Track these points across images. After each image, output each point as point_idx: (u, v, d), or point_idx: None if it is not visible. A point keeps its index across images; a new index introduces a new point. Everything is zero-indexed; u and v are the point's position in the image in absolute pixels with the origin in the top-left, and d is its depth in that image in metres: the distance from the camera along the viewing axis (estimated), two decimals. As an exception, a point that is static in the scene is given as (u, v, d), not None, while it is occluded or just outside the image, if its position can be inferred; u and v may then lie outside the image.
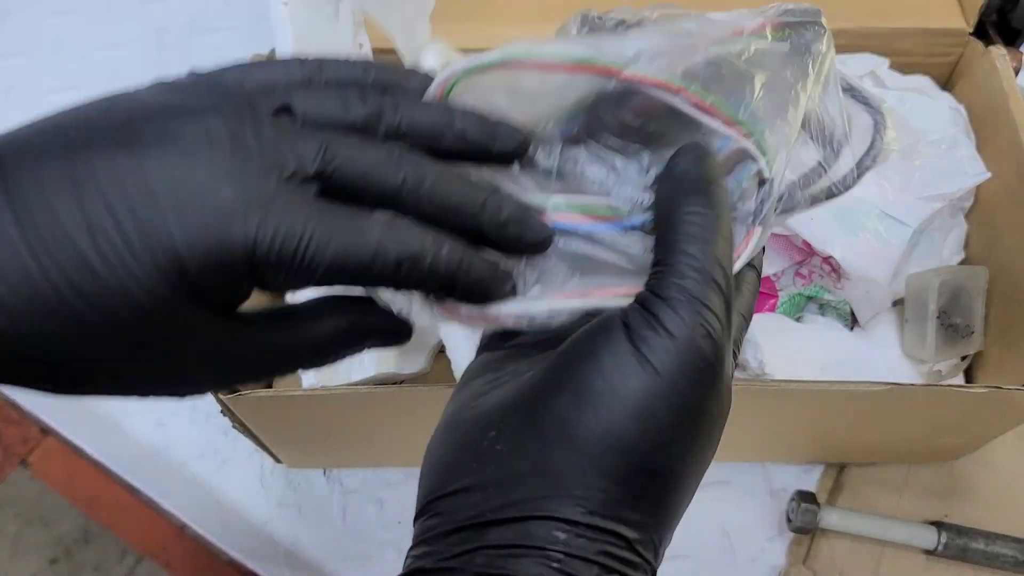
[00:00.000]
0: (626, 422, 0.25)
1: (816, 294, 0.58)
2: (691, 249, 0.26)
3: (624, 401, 0.25)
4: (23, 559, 1.29)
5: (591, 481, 0.25)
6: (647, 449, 0.25)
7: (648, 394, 0.25)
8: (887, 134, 0.32)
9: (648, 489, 0.25)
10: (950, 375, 0.59)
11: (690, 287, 0.25)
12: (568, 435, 0.25)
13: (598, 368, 0.25)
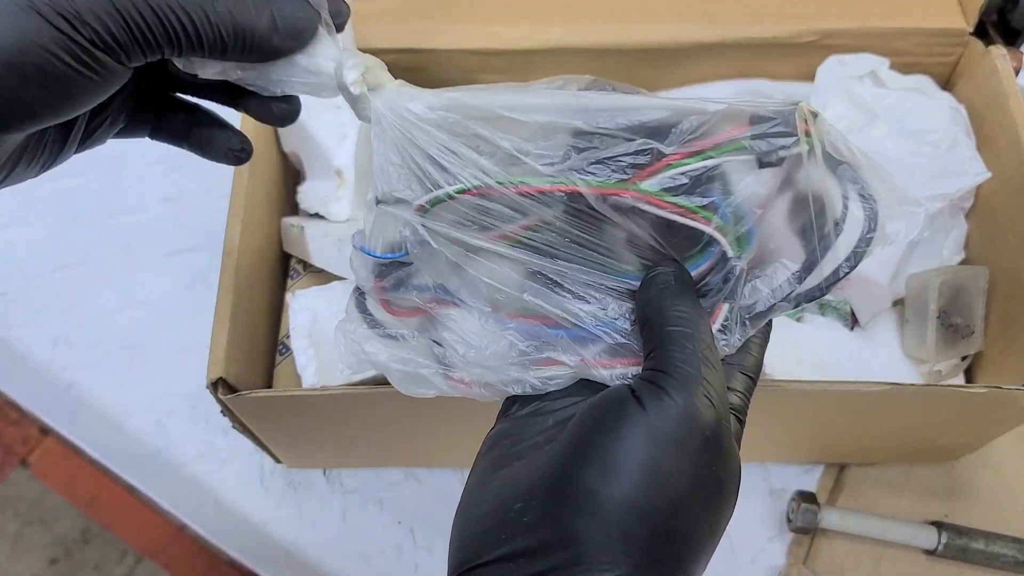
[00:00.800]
0: (647, 489, 0.27)
1: (816, 294, 0.58)
2: (683, 337, 0.30)
3: (644, 468, 0.27)
4: (23, 559, 1.29)
5: (617, 547, 0.27)
6: (666, 512, 0.27)
7: (664, 459, 0.27)
8: (880, 224, 0.33)
9: (668, 552, 0.27)
10: (950, 375, 0.59)
11: (689, 365, 0.29)
12: (593, 504, 0.27)
13: (617, 438, 0.28)
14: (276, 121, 0.37)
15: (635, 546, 0.27)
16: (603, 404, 0.29)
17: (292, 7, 0.32)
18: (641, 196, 0.30)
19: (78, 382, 0.69)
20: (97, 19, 0.28)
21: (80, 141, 0.35)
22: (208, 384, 0.47)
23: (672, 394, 0.28)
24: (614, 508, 0.27)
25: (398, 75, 0.67)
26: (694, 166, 0.30)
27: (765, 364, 0.54)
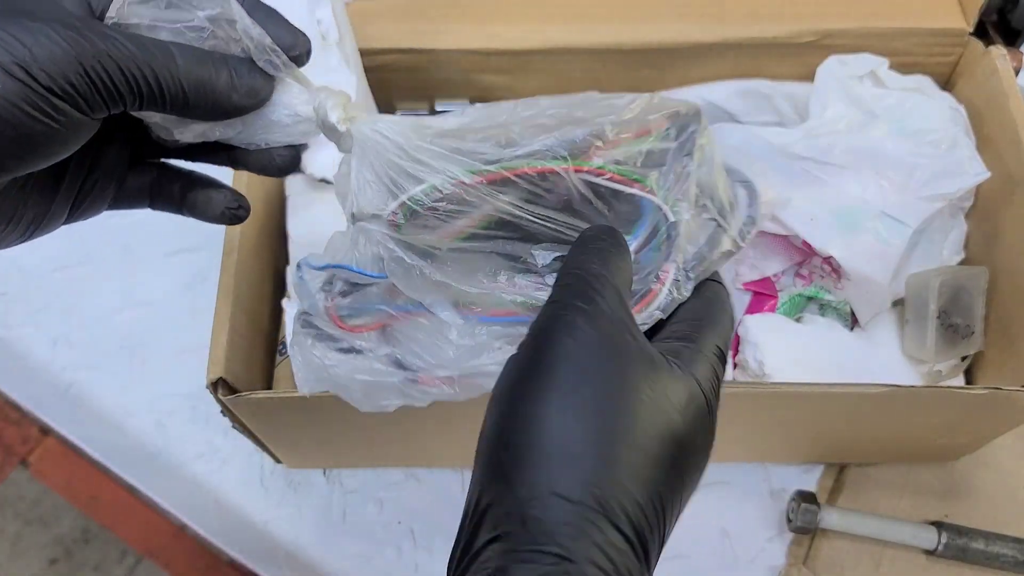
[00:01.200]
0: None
1: (816, 294, 0.58)
2: (712, 334, 0.34)
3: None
4: (23, 559, 1.29)
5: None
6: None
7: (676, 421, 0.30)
8: (760, 203, 0.39)
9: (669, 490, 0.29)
10: (950, 375, 0.59)
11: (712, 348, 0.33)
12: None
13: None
14: (279, 172, 0.38)
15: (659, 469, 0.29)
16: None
17: (245, 70, 0.33)
18: (592, 170, 0.34)
19: (78, 382, 0.69)
20: (56, 68, 0.28)
21: (71, 209, 0.36)
22: (208, 384, 0.47)
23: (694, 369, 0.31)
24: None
25: (398, 75, 0.67)
26: (634, 148, 0.35)
27: (764, 364, 0.54)
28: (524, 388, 0.29)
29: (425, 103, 0.68)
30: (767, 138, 0.58)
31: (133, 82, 0.30)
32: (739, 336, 0.56)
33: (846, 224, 0.55)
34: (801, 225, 0.55)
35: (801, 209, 0.55)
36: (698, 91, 0.65)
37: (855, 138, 0.57)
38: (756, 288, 0.58)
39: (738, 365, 0.56)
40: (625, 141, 0.35)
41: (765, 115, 0.65)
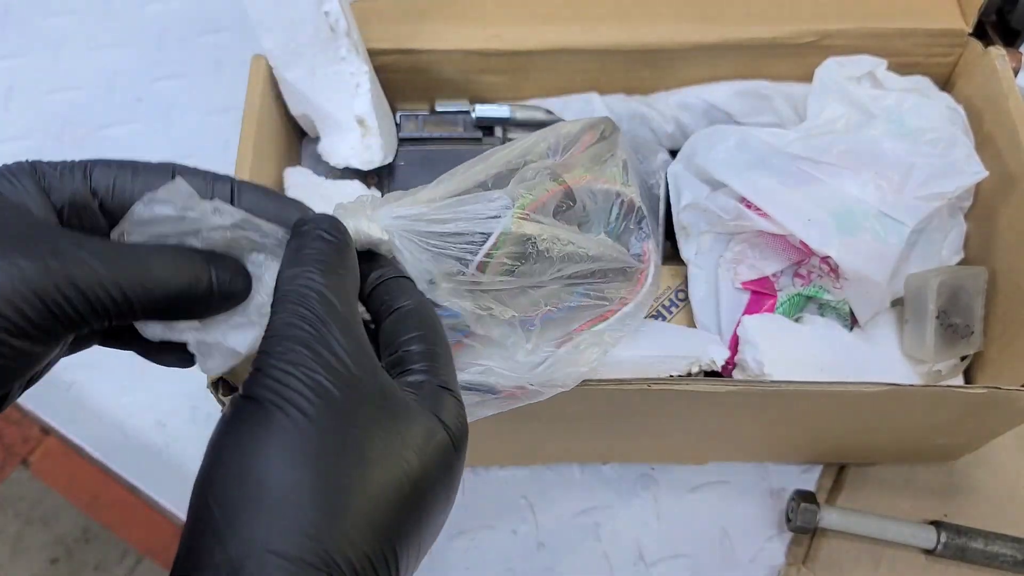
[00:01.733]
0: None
1: (815, 294, 0.58)
2: (446, 355, 0.34)
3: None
4: (23, 559, 1.29)
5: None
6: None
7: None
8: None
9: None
10: (950, 375, 0.59)
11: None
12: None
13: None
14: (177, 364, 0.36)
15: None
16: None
17: (228, 274, 0.32)
18: (580, 179, 0.42)
19: (78, 382, 0.69)
20: (11, 307, 0.26)
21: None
22: (208, 384, 0.48)
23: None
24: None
25: (398, 75, 0.67)
26: (586, 157, 0.43)
27: (763, 364, 0.54)
28: (238, 436, 0.27)
29: (425, 103, 0.68)
30: (765, 138, 0.58)
31: (98, 303, 0.28)
32: (738, 336, 0.56)
33: (844, 224, 0.55)
34: (799, 225, 0.55)
35: (799, 209, 0.55)
36: (697, 91, 0.65)
37: (853, 138, 0.57)
38: (755, 288, 0.58)
39: (737, 365, 0.56)
40: (579, 155, 0.42)
41: (764, 115, 0.65)
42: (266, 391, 0.27)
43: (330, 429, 0.27)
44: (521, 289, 0.40)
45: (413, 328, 0.32)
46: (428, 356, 0.32)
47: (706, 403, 0.51)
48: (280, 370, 0.27)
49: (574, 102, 0.66)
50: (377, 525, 0.26)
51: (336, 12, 0.56)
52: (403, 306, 0.33)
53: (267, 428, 0.26)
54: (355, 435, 0.27)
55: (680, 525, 0.62)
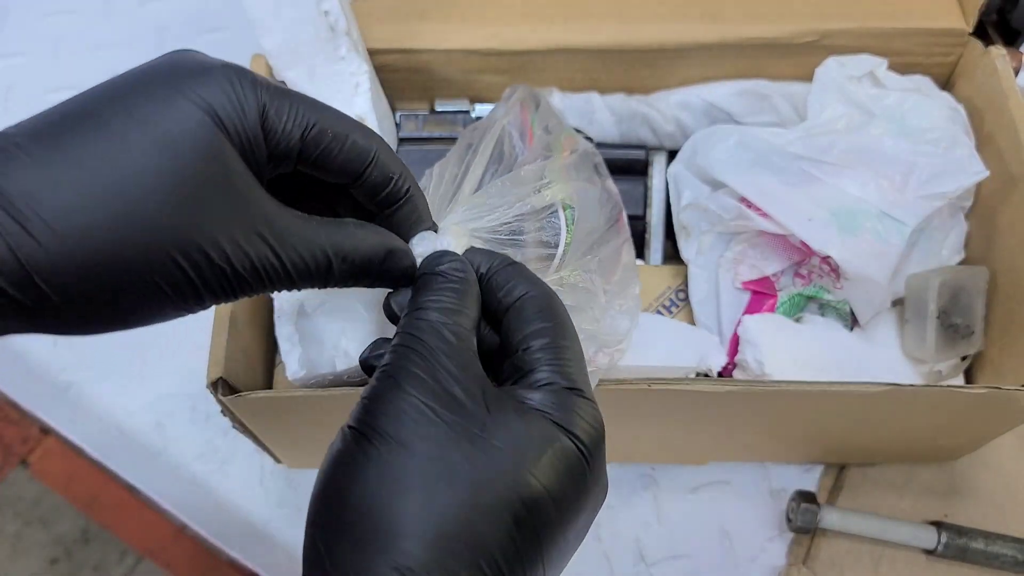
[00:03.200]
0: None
1: (816, 294, 0.58)
2: (577, 361, 0.33)
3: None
4: (23, 559, 1.29)
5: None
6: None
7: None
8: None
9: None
10: (950, 375, 0.59)
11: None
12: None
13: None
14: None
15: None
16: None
17: (401, 255, 0.34)
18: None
19: (78, 382, 0.69)
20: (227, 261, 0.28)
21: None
22: (208, 384, 0.47)
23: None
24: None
25: (398, 75, 0.67)
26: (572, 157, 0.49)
27: (764, 364, 0.54)
28: (345, 464, 0.28)
29: (425, 103, 0.68)
30: (766, 138, 0.58)
31: (294, 271, 0.30)
32: (739, 336, 0.56)
33: (845, 224, 0.55)
34: (799, 225, 0.55)
35: (800, 209, 0.55)
36: (698, 91, 0.65)
37: (854, 137, 0.57)
38: (755, 287, 0.58)
39: (738, 365, 0.56)
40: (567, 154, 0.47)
41: (764, 115, 0.65)
42: (366, 421, 0.28)
43: (433, 459, 0.27)
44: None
45: (534, 321, 0.32)
46: (551, 352, 0.31)
47: (706, 403, 0.51)
48: (387, 402, 0.28)
49: (574, 102, 0.66)
50: (481, 553, 0.26)
51: (336, 11, 0.56)
52: (521, 296, 0.32)
53: (369, 460, 0.27)
54: (459, 462, 0.27)
55: (680, 525, 0.62)
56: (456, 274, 0.32)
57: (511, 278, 0.33)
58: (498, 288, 0.33)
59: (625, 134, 0.66)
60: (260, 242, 0.29)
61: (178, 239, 0.27)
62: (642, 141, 0.66)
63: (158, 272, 0.27)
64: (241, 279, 0.29)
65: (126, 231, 0.26)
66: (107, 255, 0.26)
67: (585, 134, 0.66)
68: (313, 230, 0.30)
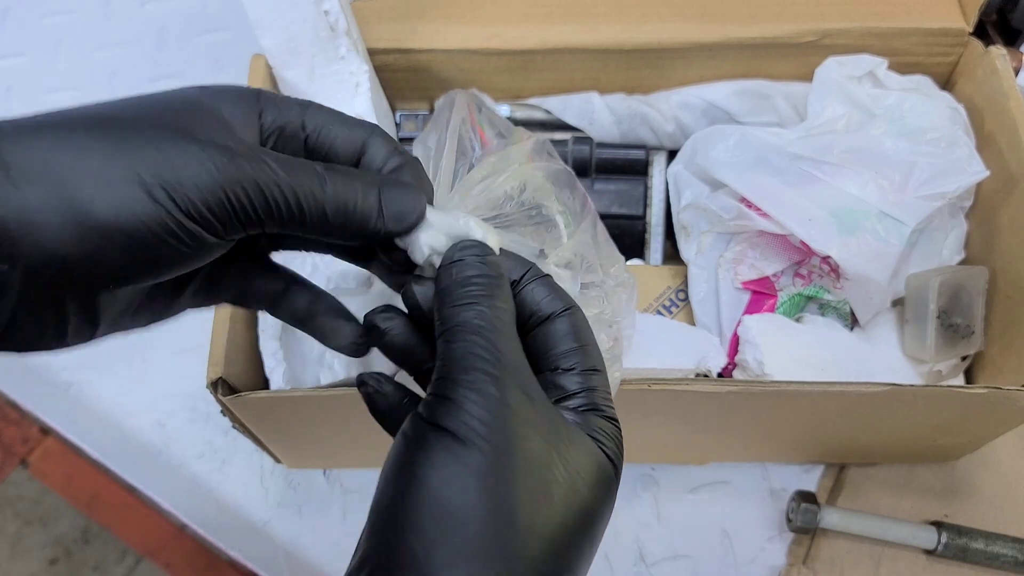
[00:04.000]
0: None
1: (816, 294, 0.58)
2: (602, 378, 0.33)
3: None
4: (23, 559, 1.29)
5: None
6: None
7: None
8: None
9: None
10: (950, 375, 0.59)
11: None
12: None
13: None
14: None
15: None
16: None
17: (400, 193, 0.32)
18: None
19: (78, 382, 0.69)
20: (199, 194, 0.27)
21: (194, 304, 0.35)
22: (208, 384, 0.47)
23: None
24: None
25: (398, 75, 0.67)
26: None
27: (764, 364, 0.54)
28: (424, 461, 0.27)
29: (425, 103, 0.68)
30: (766, 138, 0.58)
31: (274, 206, 0.29)
32: (739, 336, 0.56)
33: (845, 224, 0.55)
34: (799, 225, 0.54)
35: (800, 209, 0.55)
36: (698, 91, 0.65)
37: (854, 137, 0.57)
38: (755, 287, 0.58)
39: (738, 365, 0.56)
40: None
41: (764, 115, 0.65)
42: (451, 419, 0.27)
43: (514, 463, 0.27)
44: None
45: (568, 341, 0.32)
46: (586, 377, 0.31)
47: (706, 403, 0.51)
48: (466, 399, 0.28)
49: (574, 102, 0.66)
50: (554, 557, 0.27)
51: (336, 11, 0.56)
52: (553, 314, 0.32)
53: (453, 456, 0.27)
54: (535, 470, 0.27)
55: (680, 525, 0.62)
56: (495, 269, 0.32)
57: (546, 292, 0.33)
58: (531, 301, 0.33)
59: (625, 134, 0.66)
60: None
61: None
62: (642, 141, 0.66)
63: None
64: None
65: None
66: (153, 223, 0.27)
67: (585, 134, 0.66)
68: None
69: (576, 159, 0.65)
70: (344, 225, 0.31)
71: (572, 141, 0.65)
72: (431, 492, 0.26)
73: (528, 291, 0.33)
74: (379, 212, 0.31)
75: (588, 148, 0.65)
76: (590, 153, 0.65)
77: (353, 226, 0.31)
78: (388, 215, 0.31)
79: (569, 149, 0.65)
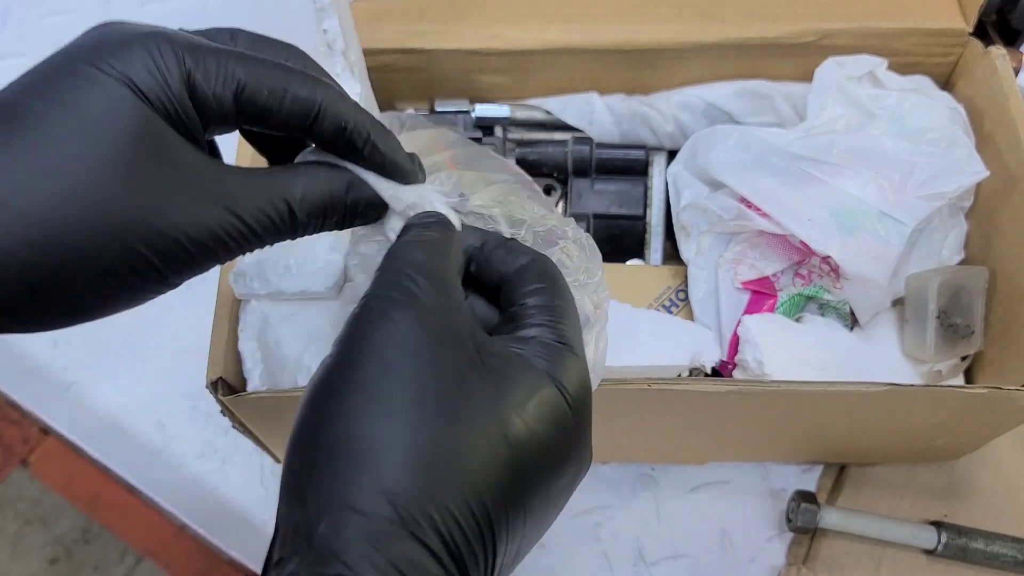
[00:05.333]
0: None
1: (816, 294, 0.58)
2: (572, 322, 0.32)
3: None
4: (23, 559, 1.29)
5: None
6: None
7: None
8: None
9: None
10: (950, 375, 0.59)
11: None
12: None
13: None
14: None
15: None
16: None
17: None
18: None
19: (78, 382, 0.69)
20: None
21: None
22: (208, 384, 0.47)
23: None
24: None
25: (398, 75, 0.67)
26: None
27: (764, 364, 0.54)
28: (327, 390, 0.26)
29: (425, 103, 0.68)
30: (766, 138, 0.58)
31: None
32: (739, 336, 0.56)
33: (845, 224, 0.55)
34: (799, 225, 0.55)
35: (799, 209, 0.55)
36: (697, 91, 0.65)
37: (853, 137, 0.57)
38: (755, 287, 0.58)
39: (738, 365, 0.56)
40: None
41: (764, 115, 0.65)
42: (348, 344, 0.27)
43: (420, 383, 0.26)
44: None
45: (531, 282, 0.31)
46: (545, 310, 0.30)
47: (706, 403, 0.51)
48: (372, 327, 0.27)
49: (574, 102, 0.66)
50: (466, 485, 0.25)
51: (335, 31, 0.56)
52: (519, 264, 0.32)
53: (351, 381, 0.26)
54: (446, 390, 0.26)
55: (680, 525, 0.62)
56: (441, 221, 0.32)
57: (511, 250, 0.33)
58: (497, 260, 0.32)
59: (625, 134, 0.66)
60: (214, 207, 0.27)
61: (125, 219, 0.26)
62: (642, 141, 0.66)
63: (110, 256, 0.26)
64: (203, 248, 0.28)
65: (66, 214, 0.25)
66: (49, 239, 0.25)
67: (585, 134, 0.66)
68: (264, 181, 0.29)
69: (576, 159, 0.65)
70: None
71: (572, 141, 0.65)
72: (322, 416, 0.26)
73: (494, 252, 0.33)
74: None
75: (588, 148, 0.65)
76: (590, 153, 0.65)
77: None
78: (361, 207, 0.32)
79: (569, 149, 0.65)
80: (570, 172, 0.65)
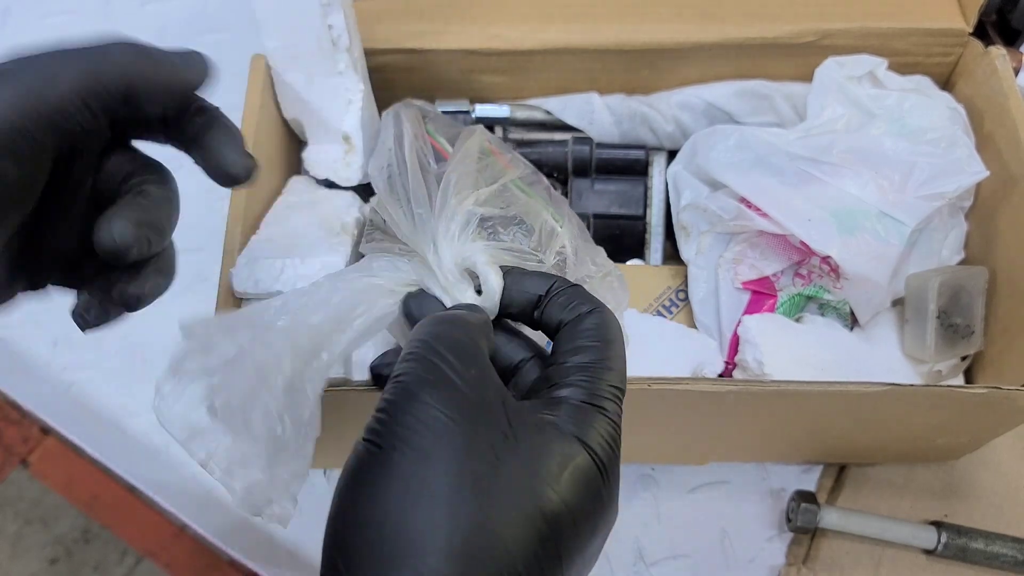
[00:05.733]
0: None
1: (816, 294, 0.58)
2: (605, 376, 0.32)
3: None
4: (23, 559, 1.29)
5: None
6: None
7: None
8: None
9: None
10: (950, 375, 0.59)
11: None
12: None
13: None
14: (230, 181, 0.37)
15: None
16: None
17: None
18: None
19: (78, 382, 0.69)
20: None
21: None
22: (208, 384, 0.47)
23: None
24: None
25: (398, 75, 0.67)
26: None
27: (764, 364, 0.54)
28: (362, 479, 0.26)
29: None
30: (766, 138, 0.58)
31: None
32: (739, 336, 0.56)
33: (845, 224, 0.55)
34: (799, 225, 0.55)
35: (799, 209, 0.55)
36: (697, 91, 0.65)
37: (853, 137, 0.57)
38: (755, 287, 0.58)
39: (738, 365, 0.56)
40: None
41: (764, 115, 0.65)
42: (381, 432, 0.27)
43: (455, 468, 0.26)
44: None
45: (578, 337, 0.31)
46: (581, 369, 0.30)
47: (706, 403, 0.51)
48: (403, 412, 0.27)
49: (574, 102, 0.66)
50: (505, 566, 0.25)
51: (340, 27, 0.56)
52: (573, 318, 0.32)
53: (386, 471, 0.26)
54: (481, 471, 0.26)
55: (680, 525, 0.62)
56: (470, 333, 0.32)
57: (573, 299, 0.32)
58: (560, 307, 0.32)
59: (625, 134, 0.66)
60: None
61: None
62: (642, 141, 0.67)
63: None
64: None
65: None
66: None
67: (585, 134, 0.66)
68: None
69: (576, 159, 0.65)
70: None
71: (572, 141, 0.65)
72: (357, 510, 0.26)
73: (557, 298, 0.33)
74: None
75: (588, 148, 0.65)
76: (590, 153, 0.65)
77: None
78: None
79: (569, 149, 0.65)
80: (570, 172, 0.65)
